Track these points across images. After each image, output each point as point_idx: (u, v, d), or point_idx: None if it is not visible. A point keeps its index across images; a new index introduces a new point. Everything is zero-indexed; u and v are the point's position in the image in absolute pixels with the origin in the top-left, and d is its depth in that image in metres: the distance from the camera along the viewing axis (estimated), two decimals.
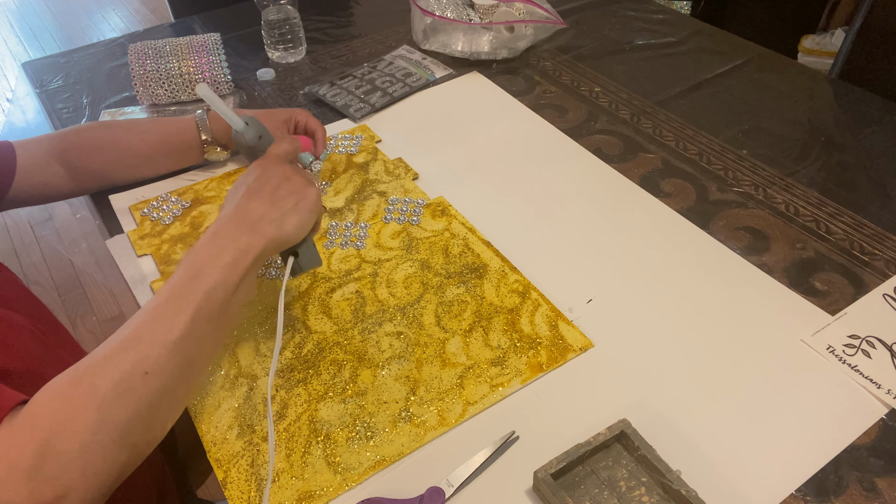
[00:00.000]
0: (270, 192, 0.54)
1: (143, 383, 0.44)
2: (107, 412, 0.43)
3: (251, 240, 0.51)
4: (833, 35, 1.91)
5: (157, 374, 0.45)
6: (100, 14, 3.23)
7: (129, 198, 0.83)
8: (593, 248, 0.75)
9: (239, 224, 0.52)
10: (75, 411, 0.42)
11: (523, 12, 1.09)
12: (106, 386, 0.43)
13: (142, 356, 0.45)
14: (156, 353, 0.45)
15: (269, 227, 0.52)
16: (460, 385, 0.61)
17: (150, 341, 0.46)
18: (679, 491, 0.51)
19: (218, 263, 0.49)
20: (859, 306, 0.68)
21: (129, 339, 0.46)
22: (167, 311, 0.47)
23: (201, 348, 0.49)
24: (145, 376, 0.45)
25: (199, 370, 0.50)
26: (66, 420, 0.42)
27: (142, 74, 0.94)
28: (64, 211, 2.11)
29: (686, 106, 0.98)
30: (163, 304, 0.48)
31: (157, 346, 0.46)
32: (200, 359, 0.49)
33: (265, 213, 0.53)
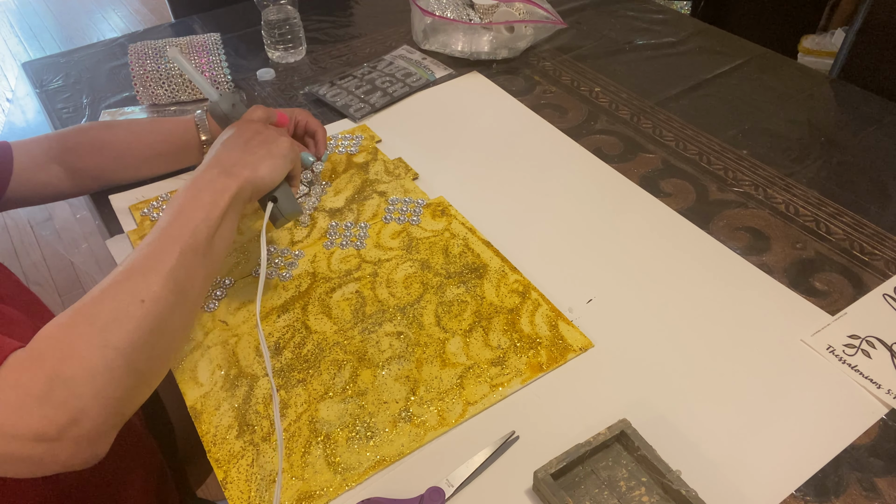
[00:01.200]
0: (244, 143, 0.60)
1: (140, 310, 0.47)
2: (109, 337, 0.45)
3: (228, 181, 0.55)
4: (833, 35, 1.91)
5: (152, 302, 0.48)
6: (100, 14, 3.23)
7: (129, 198, 0.83)
8: (593, 248, 0.75)
9: (215, 169, 0.56)
10: (79, 339, 0.44)
11: (523, 12, 1.09)
12: (105, 314, 0.46)
13: (137, 286, 0.48)
14: (150, 283, 0.48)
15: (243, 170, 0.57)
16: (460, 385, 0.61)
17: (144, 273, 0.49)
18: (679, 491, 0.51)
19: (198, 203, 0.53)
20: (859, 306, 0.68)
21: (124, 273, 0.49)
22: (157, 247, 0.50)
23: (191, 279, 0.51)
24: (142, 304, 0.47)
25: (191, 301, 0.52)
26: (71, 347, 0.44)
27: (142, 74, 0.94)
28: (64, 211, 2.11)
29: (686, 106, 0.98)
30: (153, 241, 0.51)
31: (151, 276, 0.48)
32: (192, 290, 0.52)
33: (239, 159, 0.58)
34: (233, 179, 0.56)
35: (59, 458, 0.43)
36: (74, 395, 0.43)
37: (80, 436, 0.43)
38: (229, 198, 0.55)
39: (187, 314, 0.52)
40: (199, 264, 0.52)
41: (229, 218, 0.55)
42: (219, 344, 0.65)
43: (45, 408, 0.42)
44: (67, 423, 0.43)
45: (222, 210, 0.54)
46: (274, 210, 0.63)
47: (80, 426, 0.43)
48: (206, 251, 0.53)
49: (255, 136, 0.61)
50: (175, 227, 0.52)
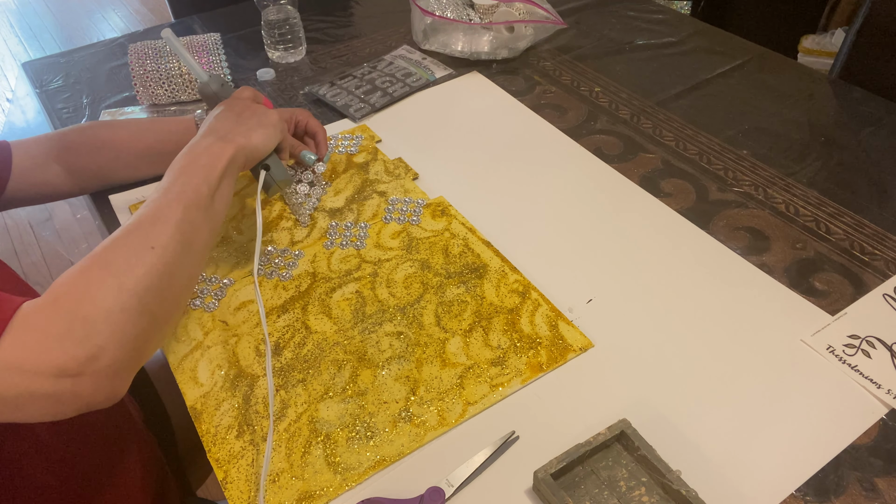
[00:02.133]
0: (236, 115, 0.64)
1: (150, 255, 0.50)
2: (122, 280, 0.48)
3: (224, 146, 0.60)
4: (833, 35, 1.91)
5: (161, 249, 0.51)
6: (100, 14, 3.23)
7: (129, 198, 0.83)
8: (593, 248, 0.75)
9: (210, 136, 0.60)
10: (94, 282, 0.47)
11: (523, 12, 1.09)
12: (118, 259, 0.49)
13: (146, 234, 0.51)
14: (158, 232, 0.52)
15: (237, 137, 0.61)
16: (460, 385, 0.61)
17: (152, 223, 0.52)
18: (679, 491, 0.51)
19: (197, 166, 0.57)
20: (859, 306, 0.68)
21: (132, 225, 0.52)
22: (162, 203, 0.54)
23: (196, 233, 0.55)
24: (152, 250, 0.50)
25: (197, 252, 0.56)
26: (87, 289, 0.47)
27: (142, 74, 0.94)
28: (64, 211, 2.11)
29: (686, 106, 0.98)
30: (157, 198, 0.54)
31: (158, 227, 0.52)
32: (197, 242, 0.55)
33: (232, 128, 0.62)
34: (228, 145, 0.60)
35: (80, 395, 0.45)
36: (93, 332, 0.45)
37: (99, 371, 0.46)
38: (225, 162, 0.59)
39: (194, 264, 0.56)
40: (202, 219, 0.56)
41: (227, 181, 0.60)
42: (219, 344, 0.65)
43: (65, 344, 0.44)
44: (87, 359, 0.45)
45: (220, 173, 0.58)
46: (266, 178, 0.68)
47: (100, 362, 0.45)
48: (207, 207, 0.56)
49: (245, 109, 0.66)
50: (177, 186, 0.55)
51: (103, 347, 0.46)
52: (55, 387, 0.44)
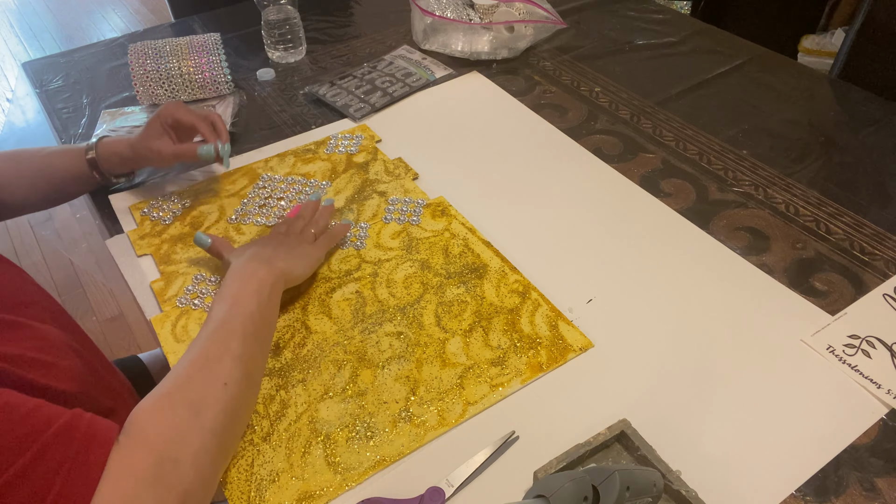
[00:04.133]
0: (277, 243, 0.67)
1: (224, 392, 0.52)
2: (205, 420, 0.49)
3: (268, 269, 0.62)
4: (833, 35, 1.91)
5: (232, 385, 0.52)
6: (100, 14, 3.23)
7: (129, 198, 0.83)
8: (593, 248, 0.75)
9: (255, 261, 0.63)
10: (181, 423, 0.48)
11: (523, 12, 1.09)
12: (196, 398, 0.50)
13: (215, 371, 0.52)
14: (226, 368, 0.53)
15: (278, 262, 0.64)
16: (460, 385, 0.61)
17: (218, 360, 0.53)
18: (679, 491, 0.51)
19: (247, 291, 0.59)
20: (859, 306, 0.68)
21: (200, 360, 0.53)
22: (222, 335, 0.55)
23: (254, 360, 0.57)
24: (224, 387, 0.52)
25: (257, 382, 0.58)
26: (175, 431, 0.47)
27: (142, 74, 0.94)
28: (64, 211, 2.11)
29: (686, 106, 0.98)
30: (215, 330, 0.55)
31: (225, 362, 0.53)
32: (256, 368, 0.57)
33: (272, 254, 0.65)
34: (273, 269, 0.63)
35: None
36: (181, 475, 0.46)
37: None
38: (270, 286, 0.61)
39: (255, 394, 0.58)
40: (257, 346, 0.58)
41: (272, 302, 0.62)
42: None
43: (158, 489, 0.44)
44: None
45: (267, 296, 0.60)
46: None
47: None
48: (260, 332, 0.58)
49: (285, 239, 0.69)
50: (233, 315, 0.57)
51: (190, 492, 0.46)
52: None
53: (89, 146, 0.78)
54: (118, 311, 1.79)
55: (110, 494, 0.42)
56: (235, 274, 0.61)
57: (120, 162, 0.78)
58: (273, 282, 0.62)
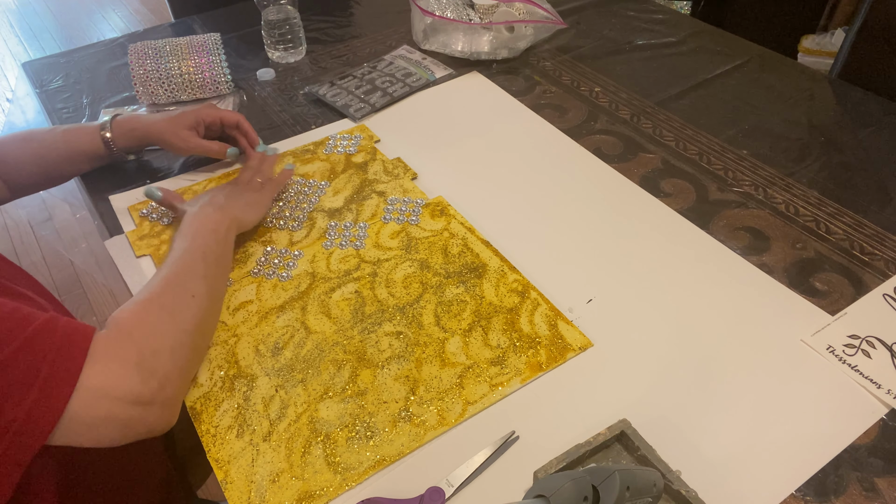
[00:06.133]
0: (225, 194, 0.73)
1: (193, 302, 0.58)
2: (178, 321, 0.56)
3: (221, 215, 0.68)
4: (833, 35, 1.91)
5: (198, 297, 0.59)
6: (100, 14, 3.23)
7: (129, 198, 0.83)
8: (593, 247, 0.75)
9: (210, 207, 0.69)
10: (157, 321, 0.54)
11: (523, 12, 1.09)
12: (171, 304, 0.56)
13: (184, 285, 0.59)
14: (193, 283, 0.60)
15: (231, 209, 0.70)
16: (460, 385, 0.61)
17: (184, 276, 0.60)
18: (679, 491, 0.51)
19: (205, 230, 0.66)
20: (859, 306, 0.68)
21: (170, 277, 0.59)
22: (185, 260, 0.61)
23: (217, 282, 0.64)
24: (193, 298, 0.58)
25: (219, 298, 0.65)
26: (153, 327, 0.53)
27: (142, 74, 0.94)
28: (64, 211, 2.11)
29: (686, 106, 0.98)
30: (179, 257, 0.61)
31: (192, 278, 0.60)
32: (217, 289, 0.64)
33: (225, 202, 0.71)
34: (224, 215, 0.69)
35: (146, 421, 0.50)
36: (161, 364, 0.52)
37: (165, 400, 0.51)
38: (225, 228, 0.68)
39: (218, 307, 0.65)
40: (218, 271, 0.65)
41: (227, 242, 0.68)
42: (218, 344, 0.65)
43: (142, 373, 0.49)
44: (158, 388, 0.50)
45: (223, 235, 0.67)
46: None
47: (166, 391, 0.51)
48: (218, 261, 0.65)
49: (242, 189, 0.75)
50: (195, 245, 0.63)
51: (169, 378, 0.52)
52: (130, 412, 0.49)
53: (103, 125, 0.81)
54: None
55: (98, 373, 0.47)
56: (193, 217, 0.67)
57: (136, 139, 0.82)
58: (228, 225, 0.68)
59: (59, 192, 2.15)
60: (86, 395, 0.46)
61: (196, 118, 0.82)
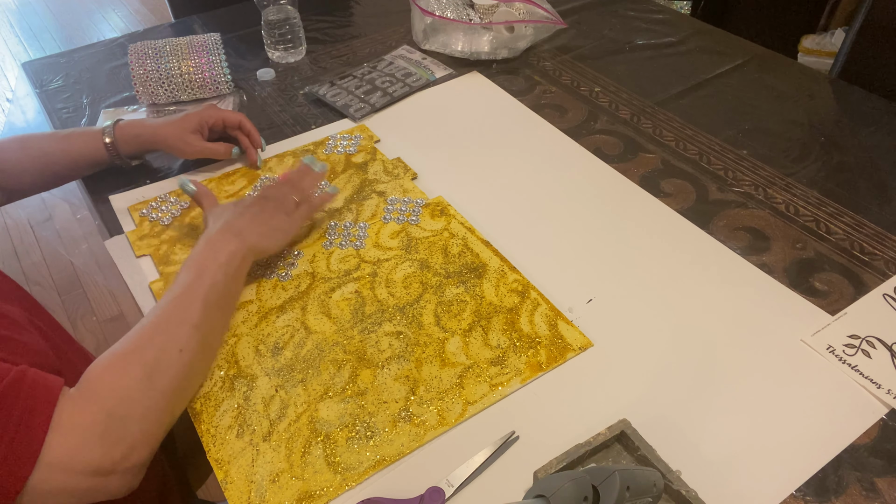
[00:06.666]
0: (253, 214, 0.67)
1: (178, 358, 0.54)
2: (155, 382, 0.52)
3: (238, 244, 0.64)
4: (833, 35, 1.91)
5: (187, 351, 0.55)
6: (100, 14, 3.23)
7: (129, 198, 0.83)
8: (593, 248, 0.75)
9: (228, 233, 0.64)
10: (131, 382, 0.51)
11: (523, 12, 1.09)
12: (151, 361, 0.52)
13: (173, 337, 0.55)
14: (184, 334, 0.55)
15: (250, 237, 0.65)
16: (460, 385, 0.61)
17: (177, 325, 0.56)
18: (679, 491, 0.51)
19: (214, 263, 0.61)
20: (859, 306, 0.68)
21: (158, 324, 0.55)
22: (184, 302, 0.57)
23: (213, 330, 0.60)
24: (180, 353, 0.54)
25: (213, 349, 0.61)
26: (125, 390, 0.50)
27: (142, 74, 0.94)
28: (64, 211, 2.11)
29: (686, 106, 0.98)
30: (179, 296, 0.58)
31: (183, 329, 0.56)
32: (214, 338, 0.61)
33: (247, 226, 0.66)
34: (243, 243, 0.64)
35: (108, 489, 0.49)
36: (127, 433, 0.49)
37: (127, 469, 0.49)
38: (240, 259, 0.63)
39: (210, 360, 0.61)
40: (218, 315, 0.61)
41: (240, 275, 0.64)
42: None
43: (105, 444, 0.47)
44: (120, 458, 0.48)
45: (235, 269, 0.63)
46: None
47: (129, 460, 0.49)
48: (223, 302, 0.62)
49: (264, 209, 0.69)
50: (198, 284, 0.59)
51: (134, 447, 0.49)
52: (88, 483, 0.47)
53: (105, 130, 0.80)
54: (118, 312, 1.79)
55: (59, 446, 0.45)
56: (206, 243, 0.63)
57: (138, 145, 0.82)
58: (243, 255, 0.64)
59: (59, 192, 2.15)
60: (45, 469, 0.45)
61: (199, 121, 0.81)
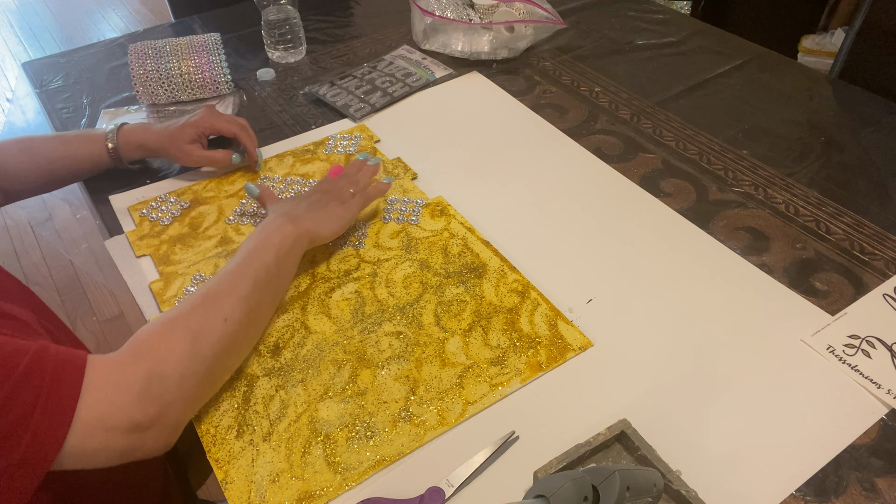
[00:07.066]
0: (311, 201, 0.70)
1: (223, 327, 0.55)
2: (198, 347, 0.53)
3: (292, 228, 0.65)
4: (833, 35, 1.91)
5: (231, 321, 0.56)
6: (100, 14, 3.23)
7: (129, 198, 0.83)
8: (593, 248, 0.75)
9: (283, 218, 0.66)
10: (174, 345, 0.52)
11: (523, 12, 1.09)
12: (196, 327, 0.54)
13: (220, 307, 0.56)
14: (230, 305, 0.57)
15: (305, 222, 0.67)
16: (460, 385, 0.61)
17: (225, 297, 0.57)
18: (679, 491, 0.51)
19: (268, 243, 0.63)
20: (859, 306, 0.68)
21: (209, 295, 0.57)
22: (235, 277, 0.59)
23: (261, 305, 0.61)
24: (224, 322, 0.56)
25: (259, 325, 0.63)
26: (167, 352, 0.51)
27: (142, 74, 0.94)
28: (64, 211, 2.11)
29: (686, 106, 0.98)
30: (231, 271, 0.60)
31: (231, 300, 0.57)
32: (261, 313, 0.62)
33: (303, 213, 0.68)
34: (297, 227, 0.66)
35: (144, 447, 0.50)
36: (167, 391, 0.50)
37: (164, 426, 0.51)
38: (292, 242, 0.65)
39: (255, 335, 0.62)
40: (267, 292, 0.62)
41: (292, 256, 0.65)
42: None
43: (142, 402, 0.48)
44: (157, 415, 0.49)
45: (287, 251, 0.64)
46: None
47: (166, 418, 0.50)
48: (272, 280, 0.62)
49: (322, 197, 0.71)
50: (250, 263, 0.61)
51: (172, 405, 0.51)
52: (127, 440, 0.48)
53: (108, 136, 0.80)
54: (118, 312, 1.79)
55: (96, 403, 0.46)
56: (262, 227, 0.65)
57: (141, 151, 0.82)
58: (296, 238, 0.65)
59: (58, 192, 2.13)
60: (82, 428, 0.45)
61: (197, 132, 0.81)
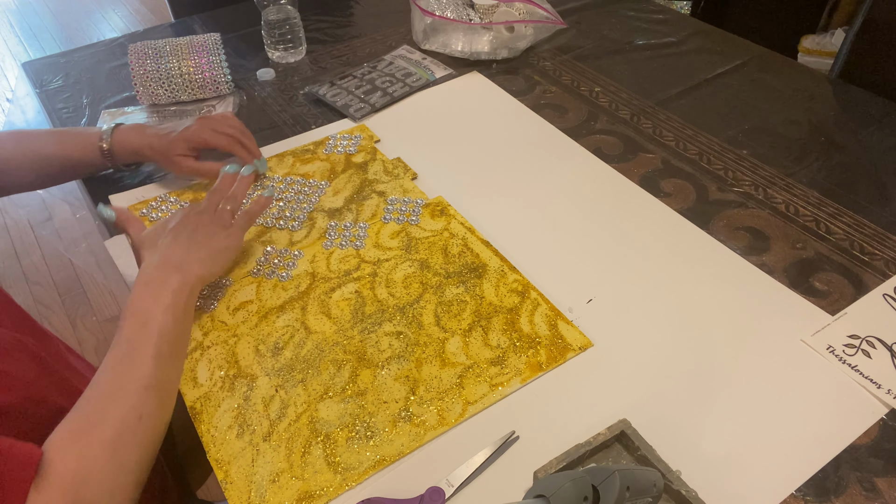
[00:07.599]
0: (189, 236, 0.63)
1: (139, 428, 0.51)
2: (119, 458, 0.49)
3: (181, 280, 0.59)
4: (833, 35, 1.91)
5: (147, 417, 0.52)
6: (100, 14, 3.23)
7: (129, 198, 0.83)
8: (593, 248, 0.75)
9: (166, 269, 0.60)
10: (93, 462, 0.47)
11: (523, 12, 1.09)
12: (112, 438, 0.49)
13: (129, 405, 0.51)
14: (140, 400, 0.52)
15: (194, 267, 0.61)
16: (460, 385, 0.61)
17: (130, 390, 0.52)
18: (679, 491, 0.51)
19: (159, 307, 0.57)
20: (859, 306, 0.68)
21: (111, 393, 0.51)
22: (133, 360, 0.53)
23: (170, 382, 0.56)
24: (140, 420, 0.51)
25: (171, 402, 0.56)
26: (88, 472, 0.47)
27: (142, 74, 0.94)
28: (64, 211, 2.11)
29: (686, 106, 0.98)
30: (126, 353, 0.54)
31: (138, 393, 0.52)
32: (171, 390, 0.56)
33: (185, 256, 0.61)
34: (187, 277, 0.60)
35: None
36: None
37: None
38: (186, 295, 0.59)
39: (169, 415, 0.56)
40: (172, 365, 0.57)
41: (188, 311, 0.60)
42: (218, 344, 0.65)
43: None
44: None
45: (183, 308, 0.59)
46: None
47: None
48: (174, 350, 0.57)
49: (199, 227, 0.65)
50: (144, 336, 0.55)
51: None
52: None
53: (103, 136, 0.79)
54: (118, 311, 1.79)
55: None
56: (146, 285, 0.58)
57: (133, 156, 0.81)
58: (189, 291, 0.60)
59: (59, 192, 2.15)
60: None
61: (188, 148, 0.79)
